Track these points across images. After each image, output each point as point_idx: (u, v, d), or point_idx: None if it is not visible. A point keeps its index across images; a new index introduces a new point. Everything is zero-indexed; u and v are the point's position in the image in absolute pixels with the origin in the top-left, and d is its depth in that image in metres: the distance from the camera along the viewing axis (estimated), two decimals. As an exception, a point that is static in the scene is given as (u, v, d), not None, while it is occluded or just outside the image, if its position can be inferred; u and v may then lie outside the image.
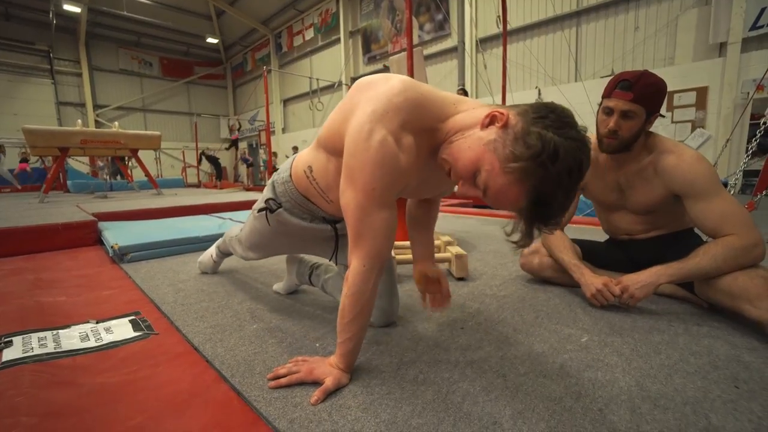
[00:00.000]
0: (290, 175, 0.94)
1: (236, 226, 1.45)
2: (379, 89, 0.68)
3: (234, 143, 11.66)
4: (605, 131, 1.10)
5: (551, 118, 0.58)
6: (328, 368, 0.76)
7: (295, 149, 11.67)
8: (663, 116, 1.22)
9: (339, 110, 0.75)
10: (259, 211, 1.02)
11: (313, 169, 0.87)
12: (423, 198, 1.01)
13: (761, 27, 5.28)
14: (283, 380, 0.75)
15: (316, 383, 0.74)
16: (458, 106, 0.72)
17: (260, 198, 1.04)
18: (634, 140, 1.10)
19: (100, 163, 7.99)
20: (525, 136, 0.58)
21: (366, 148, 0.65)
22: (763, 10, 5.25)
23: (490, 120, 0.64)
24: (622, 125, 1.07)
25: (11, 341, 0.95)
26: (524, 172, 0.58)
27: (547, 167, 0.56)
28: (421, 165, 0.72)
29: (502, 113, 0.63)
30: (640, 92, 1.04)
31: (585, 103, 5.57)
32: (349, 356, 0.77)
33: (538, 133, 0.57)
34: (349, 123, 0.68)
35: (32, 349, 0.91)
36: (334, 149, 0.77)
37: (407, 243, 1.79)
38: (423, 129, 0.69)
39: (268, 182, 1.02)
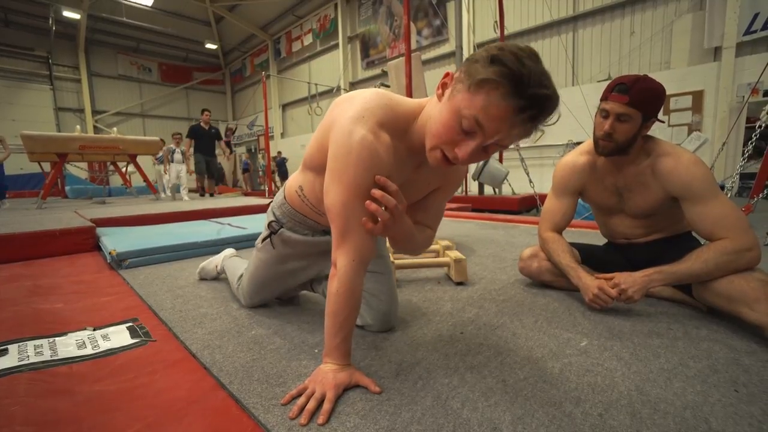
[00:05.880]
0: (284, 197, 1.03)
1: (239, 261, 1.41)
2: (355, 100, 0.74)
3: (227, 143, 11.81)
4: (600, 134, 1.10)
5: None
6: (330, 378, 0.73)
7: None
8: (662, 122, 1.23)
9: (320, 128, 0.81)
10: (263, 239, 1.08)
11: (304, 189, 0.95)
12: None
13: (755, 32, 5.34)
14: (307, 403, 0.70)
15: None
16: (424, 104, 0.78)
17: (262, 232, 1.10)
18: (628, 144, 1.10)
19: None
20: (472, 60, 0.63)
21: (348, 149, 0.69)
22: (756, 15, 5.31)
23: (442, 87, 0.70)
24: (617, 128, 1.07)
25: (6, 349, 0.94)
26: (490, 71, 0.60)
27: (506, 55, 0.59)
28: (400, 165, 0.77)
29: (448, 74, 0.69)
30: (636, 96, 1.04)
31: (582, 107, 5.63)
32: (346, 347, 0.77)
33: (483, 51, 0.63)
34: (332, 134, 0.73)
35: (28, 357, 0.91)
36: (319, 167, 0.82)
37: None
38: (397, 129, 0.75)
39: (268, 210, 1.10)
